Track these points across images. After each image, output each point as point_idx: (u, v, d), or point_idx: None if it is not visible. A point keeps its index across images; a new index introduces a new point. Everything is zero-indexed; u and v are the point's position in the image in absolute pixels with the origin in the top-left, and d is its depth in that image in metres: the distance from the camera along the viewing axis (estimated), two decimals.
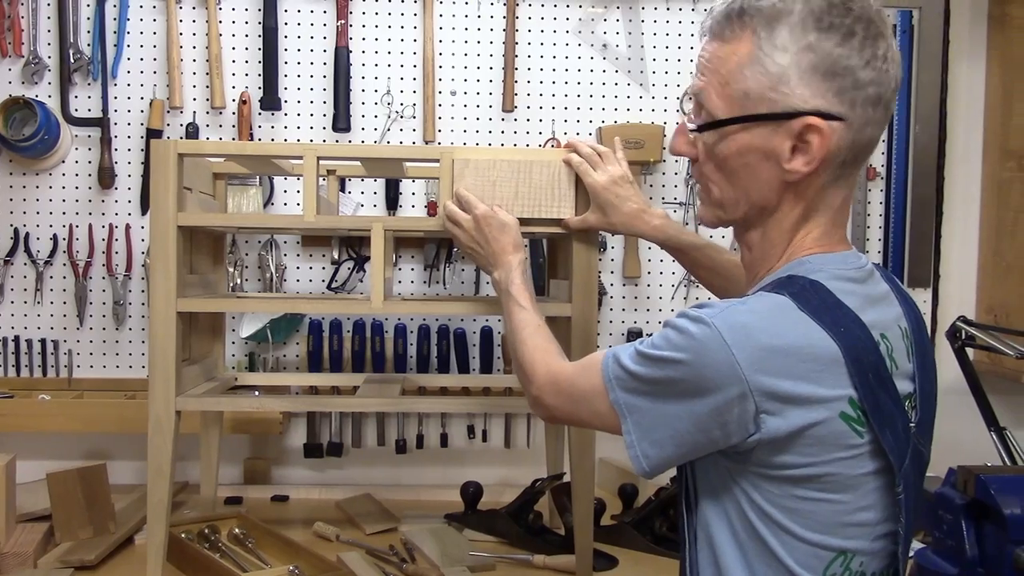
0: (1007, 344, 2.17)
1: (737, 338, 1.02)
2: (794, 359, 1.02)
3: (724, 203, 1.17)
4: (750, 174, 1.12)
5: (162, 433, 1.75)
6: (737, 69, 1.09)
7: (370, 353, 2.48)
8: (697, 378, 1.03)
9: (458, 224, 1.68)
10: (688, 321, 1.05)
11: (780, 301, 1.06)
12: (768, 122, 1.09)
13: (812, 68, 1.06)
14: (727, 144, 1.12)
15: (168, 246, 1.72)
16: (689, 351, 1.03)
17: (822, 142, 1.07)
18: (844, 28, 1.06)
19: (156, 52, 2.44)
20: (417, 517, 2.23)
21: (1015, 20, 2.51)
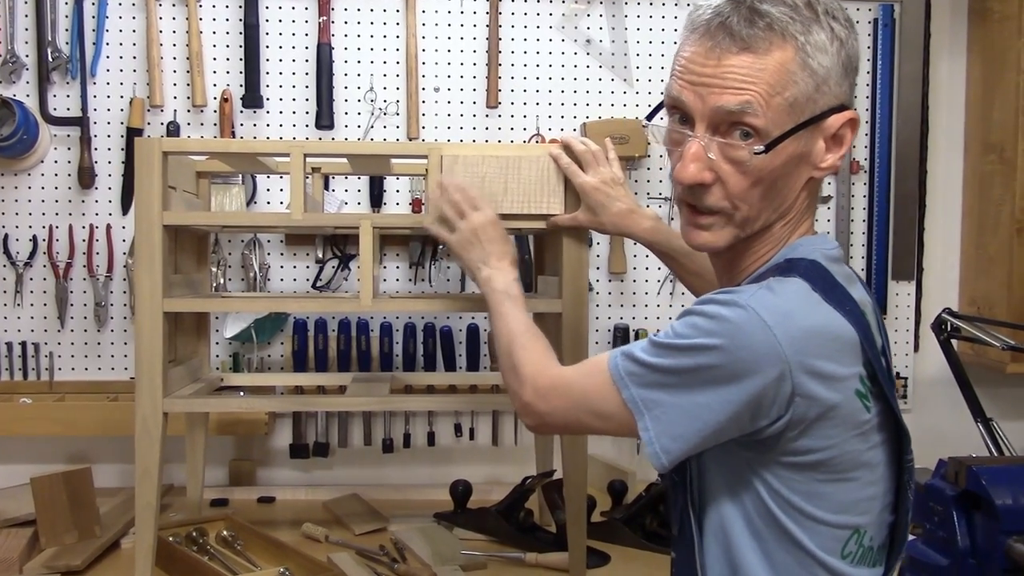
0: (993, 335, 2.19)
1: (776, 319, 1.01)
2: (825, 339, 1.03)
3: (749, 220, 1.12)
4: (786, 182, 1.10)
5: (149, 435, 1.72)
6: (786, 77, 1.05)
7: (356, 352, 2.46)
8: (735, 362, 1.01)
9: (463, 216, 1.57)
10: (718, 306, 1.03)
11: (799, 285, 1.06)
12: (812, 125, 1.08)
13: (843, 64, 1.08)
14: (775, 158, 1.07)
15: (153, 246, 1.70)
16: (725, 335, 1.02)
17: (853, 134, 1.10)
18: (848, 21, 1.09)
19: (136, 50, 2.41)
20: (406, 517, 2.22)
21: (995, 14, 2.52)
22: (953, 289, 2.69)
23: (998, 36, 2.51)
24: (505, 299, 1.44)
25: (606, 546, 2.05)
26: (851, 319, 1.05)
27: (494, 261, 1.51)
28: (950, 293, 2.69)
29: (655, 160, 2.54)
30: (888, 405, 1.09)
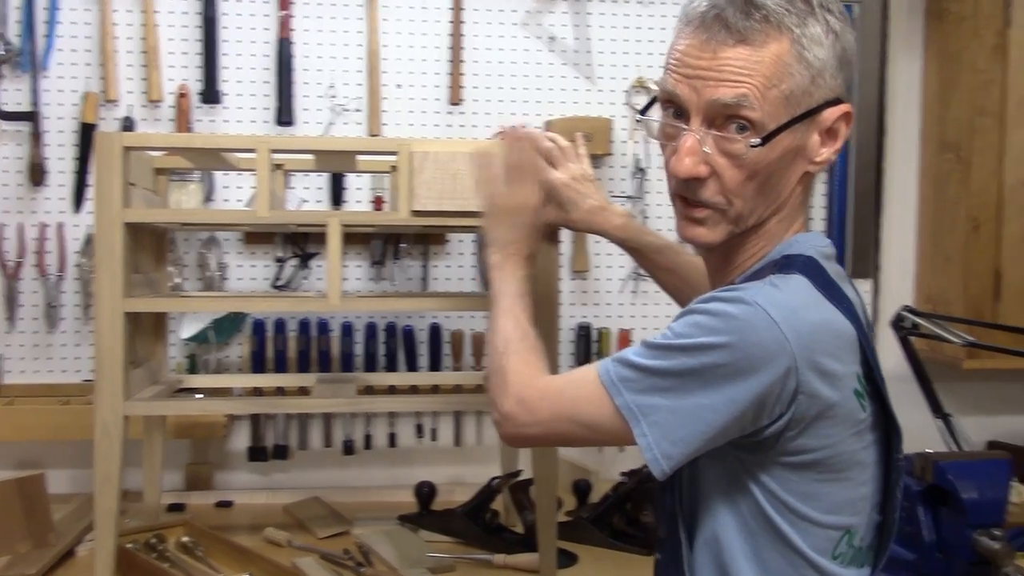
0: (952, 332, 2.22)
1: (784, 315, 1.00)
2: (829, 336, 1.02)
3: (744, 215, 1.10)
4: (781, 177, 1.09)
5: (109, 439, 1.67)
6: (782, 70, 1.04)
7: (316, 352, 2.42)
8: (742, 359, 0.99)
9: (519, 180, 1.45)
10: (723, 304, 1.02)
11: (802, 281, 1.04)
12: (807, 119, 1.06)
13: (839, 57, 1.07)
14: (770, 151, 1.06)
15: (114, 244, 1.65)
16: (732, 332, 1.00)
17: (848, 127, 1.09)
18: (842, 13, 1.08)
19: (90, 43, 2.35)
20: (370, 519, 2.19)
21: (952, 15, 2.56)
22: (909, 287, 2.73)
23: (954, 36, 2.55)
24: (511, 293, 1.34)
25: (573, 546, 2.04)
26: (849, 317, 1.05)
27: (512, 250, 1.40)
28: (906, 291, 2.72)
29: (618, 158, 2.54)
30: (881, 404, 1.08)
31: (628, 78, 2.53)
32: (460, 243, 2.50)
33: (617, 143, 2.52)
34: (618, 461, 2.49)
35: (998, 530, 1.70)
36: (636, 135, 2.53)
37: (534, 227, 1.44)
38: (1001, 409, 2.71)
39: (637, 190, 2.54)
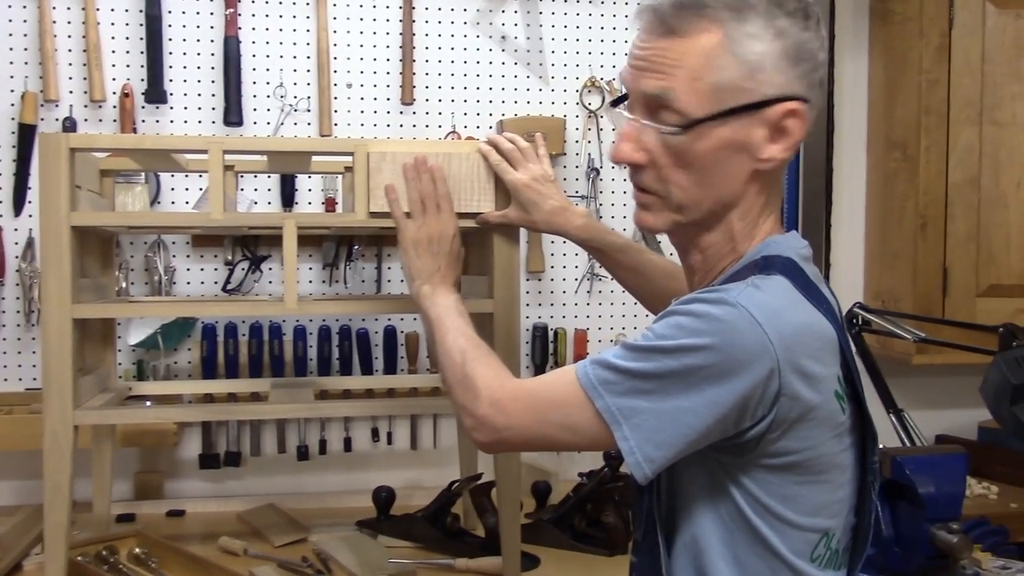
0: (904, 328, 2.24)
1: (767, 317, 0.99)
2: (811, 338, 1.02)
3: (686, 205, 1.11)
4: (721, 170, 1.08)
5: (59, 449, 1.62)
6: (708, 63, 1.05)
7: (268, 357, 2.37)
8: (726, 361, 0.98)
9: (425, 212, 1.54)
10: (707, 305, 1.01)
11: (783, 282, 1.04)
12: (745, 114, 1.06)
13: (783, 54, 1.05)
14: (701, 143, 1.07)
15: (62, 248, 1.59)
16: (716, 334, 0.99)
17: (800, 126, 1.07)
18: (803, 12, 1.07)
19: (28, 41, 2.27)
20: (327, 526, 2.15)
21: (896, 15, 2.60)
22: (859, 284, 2.77)
23: (899, 37, 2.59)
24: (453, 314, 1.37)
25: (535, 548, 2.02)
26: (829, 318, 1.05)
27: (439, 279, 1.46)
28: (855, 288, 2.76)
29: (571, 158, 2.53)
30: (859, 406, 1.09)
31: (580, 78, 2.52)
32: None
33: (571, 143, 2.52)
34: (577, 461, 2.48)
35: (955, 523, 1.71)
36: (589, 135, 2.52)
37: (455, 254, 1.51)
38: (949, 403, 2.75)
39: (591, 190, 2.53)
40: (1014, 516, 2.33)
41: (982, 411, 2.27)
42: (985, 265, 2.50)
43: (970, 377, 2.61)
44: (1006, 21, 2.46)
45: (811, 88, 1.08)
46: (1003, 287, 2.50)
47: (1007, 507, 2.38)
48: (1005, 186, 2.48)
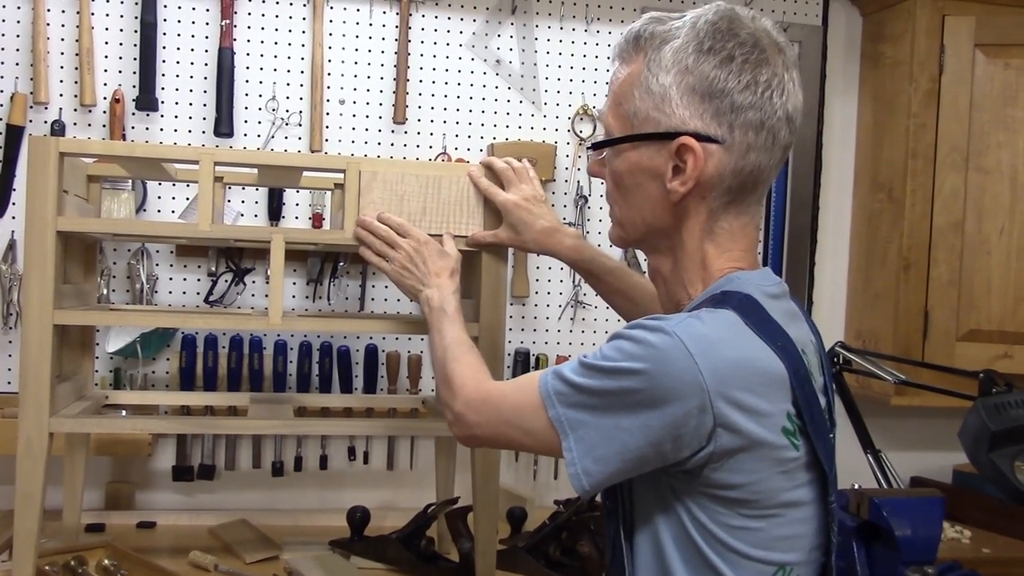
0: (884, 370, 2.25)
1: (701, 349, 1.00)
2: (750, 373, 1.03)
3: (623, 222, 1.20)
4: (641, 193, 1.15)
5: (33, 456, 1.60)
6: (629, 89, 1.13)
7: (247, 371, 2.35)
8: (656, 388, 1.01)
9: (393, 246, 1.61)
10: (645, 331, 1.03)
11: (730, 316, 1.05)
12: (652, 141, 1.12)
13: (691, 89, 1.09)
14: (620, 162, 1.16)
15: (46, 253, 1.58)
16: (648, 360, 1.01)
17: (695, 163, 1.09)
18: (725, 52, 1.08)
19: (20, 42, 2.25)
20: (299, 544, 2.13)
21: (886, 59, 2.63)
22: (840, 322, 2.78)
23: (889, 80, 2.61)
24: (441, 316, 1.48)
25: (509, 575, 2.01)
26: (782, 355, 1.05)
27: (432, 279, 1.56)
28: (837, 326, 2.77)
29: (560, 185, 2.54)
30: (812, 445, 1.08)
31: (573, 105, 2.54)
32: None
33: (560, 169, 2.52)
34: (553, 488, 2.48)
35: (930, 567, 1.72)
36: (580, 162, 2.53)
37: (437, 253, 1.61)
38: (925, 445, 2.76)
39: (578, 217, 2.54)
40: (986, 561, 2.34)
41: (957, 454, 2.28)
42: (966, 310, 2.52)
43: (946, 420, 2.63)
44: (994, 70, 2.49)
45: (731, 129, 1.08)
46: (983, 332, 2.51)
47: (979, 552, 2.39)
48: (988, 232, 2.50)
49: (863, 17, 2.74)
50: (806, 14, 2.67)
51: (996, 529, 2.55)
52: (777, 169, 1.15)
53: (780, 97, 1.10)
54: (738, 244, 1.15)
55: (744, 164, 1.10)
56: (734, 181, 1.11)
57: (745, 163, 1.10)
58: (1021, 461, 1.84)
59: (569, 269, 2.48)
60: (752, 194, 1.14)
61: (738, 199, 1.13)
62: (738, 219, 1.14)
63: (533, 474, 2.53)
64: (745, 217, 1.15)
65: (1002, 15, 2.51)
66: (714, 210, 1.13)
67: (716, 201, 1.12)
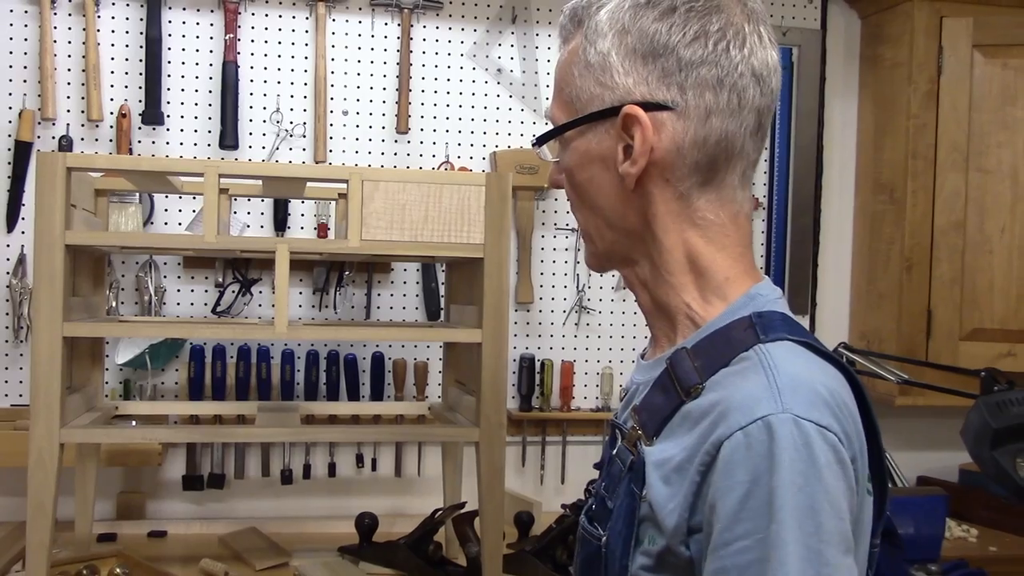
0: (887, 370, 2.26)
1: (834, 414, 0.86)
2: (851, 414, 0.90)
3: (590, 233, 1.00)
4: (597, 188, 0.96)
5: (44, 467, 1.62)
6: (568, 69, 0.96)
7: (255, 380, 2.38)
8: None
9: None
10: (799, 450, 0.81)
11: (799, 349, 0.90)
12: (597, 122, 0.94)
13: (632, 51, 0.92)
14: (570, 156, 0.97)
15: (55, 266, 1.61)
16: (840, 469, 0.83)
17: (644, 135, 0.91)
18: (665, 3, 0.92)
19: (27, 59, 2.29)
20: (308, 551, 2.15)
21: (885, 61, 2.64)
22: (844, 323, 2.79)
23: (888, 82, 2.63)
24: None
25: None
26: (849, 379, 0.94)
27: None
28: (841, 327, 2.78)
29: (560, 193, 2.56)
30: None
31: None
32: (405, 271, 2.48)
33: None
34: (559, 493, 2.50)
35: (934, 565, 1.73)
36: None
37: None
38: (931, 445, 2.77)
39: None
40: (993, 559, 2.34)
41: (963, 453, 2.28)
42: (969, 309, 2.53)
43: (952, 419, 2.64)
44: (993, 70, 2.50)
45: (682, 91, 0.91)
46: (986, 331, 2.52)
47: (986, 550, 2.39)
48: (990, 231, 2.51)
49: (861, 19, 2.75)
50: (804, 18, 2.69)
51: (1003, 527, 2.56)
52: (755, 142, 0.95)
53: (739, 50, 0.91)
54: (733, 240, 0.95)
55: (707, 132, 0.91)
56: (700, 155, 0.92)
57: (708, 131, 0.91)
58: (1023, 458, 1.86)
59: (573, 274, 2.52)
60: (728, 172, 0.94)
61: (712, 179, 0.94)
62: (723, 207, 0.95)
63: (540, 479, 2.54)
64: (733, 205, 0.95)
65: (999, 15, 2.52)
66: (684, 194, 0.94)
67: (684, 183, 0.93)
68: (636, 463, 0.91)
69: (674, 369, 0.91)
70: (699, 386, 0.88)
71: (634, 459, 0.91)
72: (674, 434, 0.89)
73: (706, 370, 0.89)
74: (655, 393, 0.93)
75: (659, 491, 0.87)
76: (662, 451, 0.89)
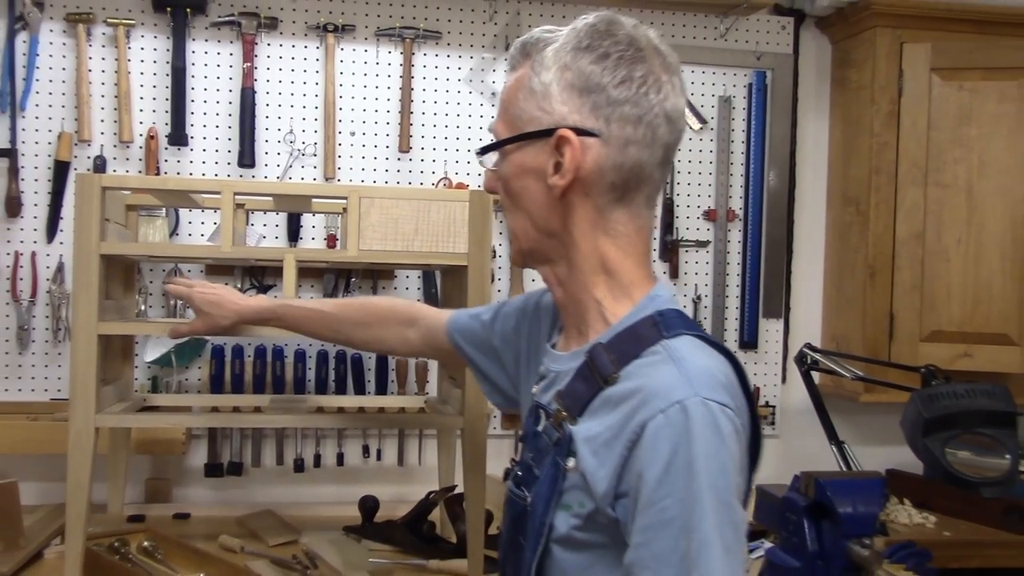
0: (845, 368, 2.48)
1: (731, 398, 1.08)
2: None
3: (516, 232, 1.20)
4: (528, 196, 1.16)
5: (82, 449, 1.85)
6: (514, 93, 1.16)
7: (271, 376, 2.62)
8: None
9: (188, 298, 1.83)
10: (712, 426, 1.02)
11: (697, 342, 1.12)
12: (535, 140, 1.13)
13: (570, 85, 1.11)
14: (507, 166, 1.17)
15: (91, 273, 1.85)
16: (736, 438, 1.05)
17: (573, 155, 1.10)
18: (601, 49, 1.11)
19: (65, 87, 2.54)
20: (317, 530, 2.38)
21: (852, 83, 2.85)
22: (816, 326, 3.00)
23: (855, 103, 2.83)
24: None
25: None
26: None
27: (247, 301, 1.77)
28: (814, 330, 2.98)
29: None
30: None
31: None
32: (407, 278, 2.71)
33: None
34: None
35: (868, 539, 1.92)
36: None
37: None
38: (897, 440, 2.94)
39: None
40: (945, 543, 2.52)
41: None
42: (928, 313, 2.72)
43: None
44: (950, 92, 2.70)
45: (608, 123, 1.11)
46: (944, 333, 2.71)
47: (941, 535, 2.58)
48: (947, 242, 2.70)
49: (832, 44, 2.96)
50: (779, 43, 2.90)
51: (963, 516, 2.72)
52: (661, 171, 1.15)
53: (656, 94, 1.11)
54: (637, 249, 1.16)
55: (624, 159, 1.11)
56: (616, 177, 1.12)
57: (624, 158, 1.11)
58: (951, 446, 2.06)
59: None
60: (638, 193, 1.14)
61: (624, 198, 1.14)
62: (631, 221, 1.15)
63: None
64: (639, 220, 1.16)
65: (956, 41, 2.72)
66: (601, 207, 1.13)
67: (602, 198, 1.13)
68: (561, 439, 1.12)
69: (593, 361, 1.13)
70: (615, 375, 1.10)
71: (559, 436, 1.13)
72: (596, 415, 1.10)
73: (620, 362, 1.10)
74: (577, 381, 1.14)
75: (590, 463, 1.08)
76: (588, 429, 1.10)
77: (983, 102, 2.68)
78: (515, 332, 1.41)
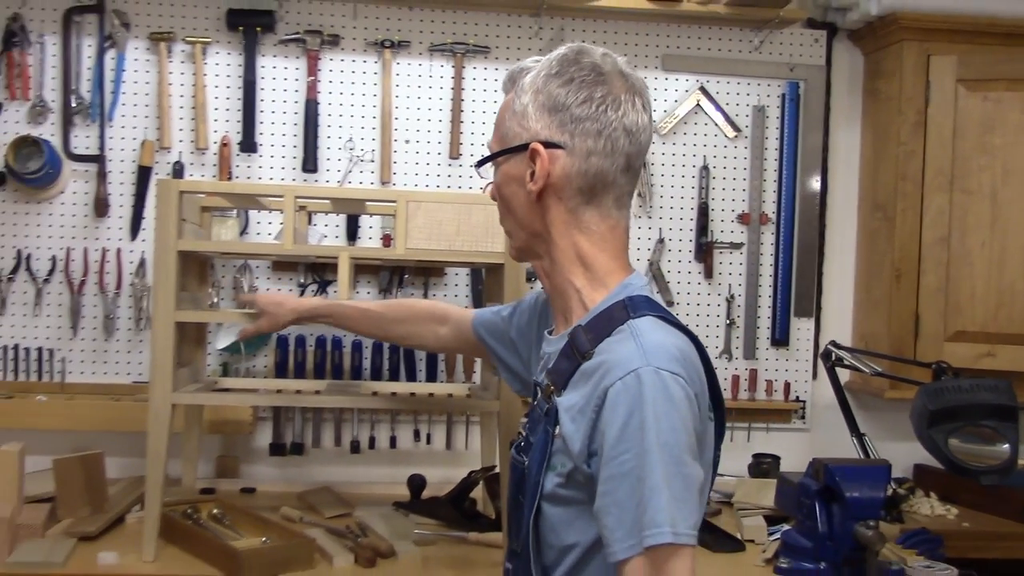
0: (866, 364, 2.60)
1: (682, 367, 1.23)
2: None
3: (510, 232, 1.39)
4: (515, 201, 1.34)
5: (160, 423, 2.09)
6: (503, 114, 1.35)
7: (330, 364, 2.84)
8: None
9: None
10: (662, 390, 1.17)
11: (657, 322, 1.27)
12: (516, 153, 1.32)
13: (542, 106, 1.29)
14: (499, 177, 1.36)
15: (169, 268, 2.08)
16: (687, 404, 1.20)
17: (543, 164, 1.28)
18: (567, 75, 1.29)
19: (148, 99, 2.80)
20: (369, 505, 2.59)
21: (881, 94, 2.98)
22: (847, 326, 3.12)
23: (883, 112, 2.96)
24: None
25: None
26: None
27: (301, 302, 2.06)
28: (844, 330, 3.11)
29: None
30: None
31: None
32: (456, 275, 2.92)
33: None
34: None
35: (873, 522, 2.06)
36: None
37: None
38: None
39: None
40: (963, 534, 2.65)
41: None
42: (952, 314, 2.83)
43: None
44: (975, 102, 2.81)
45: (572, 137, 1.28)
46: (968, 333, 2.82)
47: (960, 526, 2.70)
48: (971, 246, 2.81)
49: (864, 56, 3.09)
50: (811, 55, 3.04)
51: (985, 509, 2.84)
52: (626, 176, 1.31)
53: (615, 112, 1.28)
54: (611, 245, 1.33)
55: (587, 167, 1.28)
56: (582, 182, 1.29)
57: (588, 166, 1.28)
58: (954, 437, 2.18)
59: None
60: (606, 196, 1.31)
61: (592, 200, 1.30)
62: (603, 221, 1.32)
63: None
64: (610, 220, 1.32)
65: (981, 54, 2.83)
66: (573, 209, 1.30)
67: (572, 201, 1.30)
68: (550, 410, 1.31)
69: (574, 341, 1.31)
70: (590, 352, 1.27)
71: (548, 407, 1.32)
72: (576, 387, 1.28)
73: (595, 340, 1.28)
74: (561, 360, 1.32)
75: (568, 427, 1.26)
76: (568, 400, 1.28)
77: (1007, 112, 2.78)
78: (528, 325, 1.62)
